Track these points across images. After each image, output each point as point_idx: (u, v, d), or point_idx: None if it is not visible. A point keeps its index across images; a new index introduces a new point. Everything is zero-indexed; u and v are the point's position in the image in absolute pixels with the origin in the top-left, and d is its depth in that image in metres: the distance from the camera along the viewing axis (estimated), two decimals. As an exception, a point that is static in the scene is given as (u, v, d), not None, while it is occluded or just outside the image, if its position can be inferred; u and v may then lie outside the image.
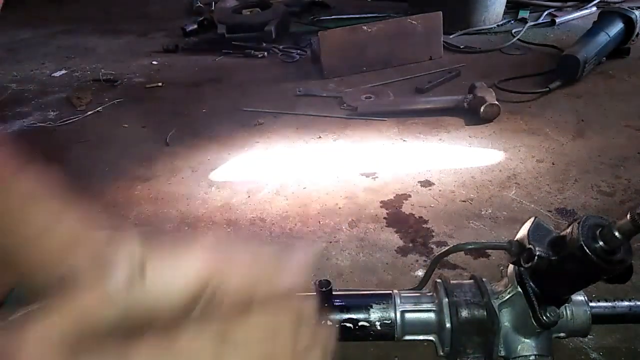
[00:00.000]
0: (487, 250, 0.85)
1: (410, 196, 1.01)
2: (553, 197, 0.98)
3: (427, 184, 1.05)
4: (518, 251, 0.53)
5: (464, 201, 0.99)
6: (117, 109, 1.52)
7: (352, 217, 0.96)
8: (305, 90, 1.55)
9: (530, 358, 0.54)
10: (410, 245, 0.88)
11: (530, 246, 0.50)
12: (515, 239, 0.54)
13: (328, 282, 0.58)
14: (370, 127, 1.32)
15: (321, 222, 0.95)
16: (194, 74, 1.77)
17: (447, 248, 0.59)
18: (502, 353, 0.56)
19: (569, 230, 0.49)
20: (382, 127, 1.31)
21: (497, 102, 1.27)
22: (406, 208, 0.98)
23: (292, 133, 1.31)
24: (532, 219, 0.53)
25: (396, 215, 0.96)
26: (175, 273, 0.30)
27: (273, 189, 1.07)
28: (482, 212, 0.95)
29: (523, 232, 0.53)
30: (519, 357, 0.55)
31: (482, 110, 1.26)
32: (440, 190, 1.03)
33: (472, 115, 1.30)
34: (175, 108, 1.49)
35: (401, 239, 0.90)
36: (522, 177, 1.05)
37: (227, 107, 1.48)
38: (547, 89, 1.39)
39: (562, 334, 0.58)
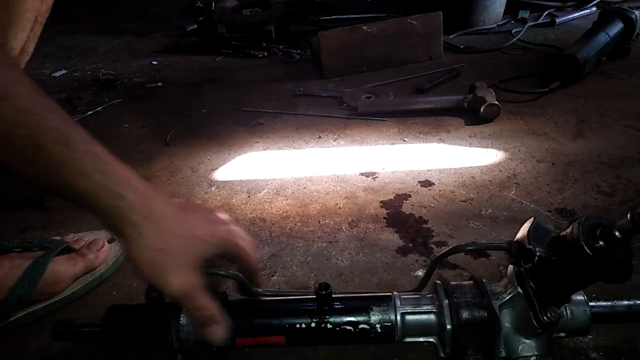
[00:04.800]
0: (487, 251, 0.85)
1: (410, 196, 1.01)
2: (553, 197, 0.98)
3: (427, 184, 1.05)
4: (518, 252, 0.53)
5: (464, 201, 0.99)
6: (117, 109, 1.52)
7: (352, 217, 0.96)
8: (305, 90, 1.55)
9: (532, 358, 0.55)
10: (410, 245, 0.88)
11: (531, 247, 0.50)
12: (515, 239, 0.54)
13: (327, 285, 0.58)
14: (370, 127, 1.32)
15: (321, 222, 0.95)
16: (194, 74, 1.77)
17: (446, 249, 0.59)
18: (503, 354, 0.56)
19: (569, 230, 0.49)
20: (382, 127, 1.31)
21: (497, 102, 1.27)
22: (406, 208, 0.98)
23: (292, 133, 1.31)
24: (531, 219, 0.53)
25: (396, 215, 0.96)
26: None
27: (273, 189, 1.07)
28: (482, 212, 0.95)
29: (523, 232, 0.53)
30: (520, 357, 0.56)
31: (482, 110, 1.26)
32: (440, 190, 1.03)
33: (472, 115, 1.30)
34: (175, 108, 1.50)
35: (401, 239, 0.90)
36: (522, 177, 1.05)
37: (227, 107, 1.48)
38: (547, 89, 1.39)
39: (562, 334, 0.58)
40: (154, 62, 1.89)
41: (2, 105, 0.41)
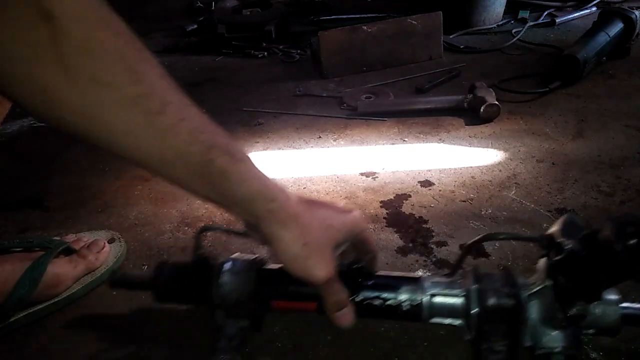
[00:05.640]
0: (487, 250, 0.85)
1: (410, 196, 1.01)
2: (553, 197, 0.98)
3: (427, 184, 1.05)
4: (549, 244, 0.54)
5: (464, 201, 0.99)
6: (117, 109, 1.52)
7: (352, 217, 0.96)
8: (305, 90, 1.56)
9: (556, 350, 0.56)
10: (410, 245, 0.88)
11: (561, 240, 0.52)
12: (548, 233, 0.55)
13: (359, 261, 0.61)
14: (370, 127, 1.32)
15: (321, 222, 0.95)
16: (194, 74, 1.77)
17: (478, 237, 0.60)
18: (529, 343, 0.58)
19: (601, 226, 0.50)
20: (382, 127, 1.31)
21: (497, 102, 1.27)
22: (406, 208, 0.98)
23: (291, 133, 1.31)
24: (565, 216, 0.55)
25: (396, 215, 0.96)
26: None
27: (273, 189, 1.07)
28: (482, 212, 0.95)
29: (556, 227, 0.54)
30: (544, 348, 0.57)
31: (482, 110, 1.26)
32: (440, 190, 1.03)
33: (472, 115, 1.30)
34: (175, 108, 1.49)
35: (401, 239, 0.90)
36: (522, 177, 1.05)
37: (227, 107, 1.48)
38: (547, 89, 1.39)
39: (591, 331, 0.59)
40: (154, 62, 1.89)
41: (181, 127, 0.46)
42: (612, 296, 0.58)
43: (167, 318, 0.75)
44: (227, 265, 0.64)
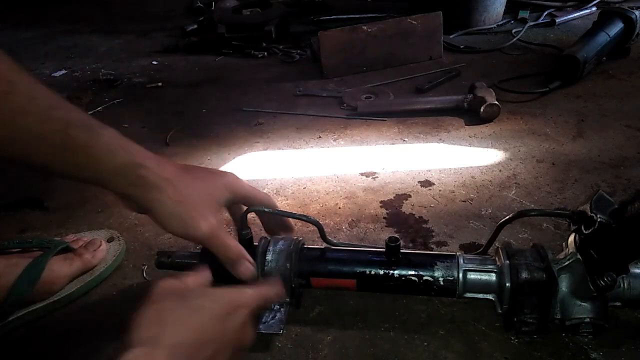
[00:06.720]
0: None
1: (410, 196, 1.01)
2: (553, 197, 0.98)
3: (427, 184, 1.05)
4: (580, 219, 0.56)
5: (464, 201, 0.99)
6: (117, 109, 1.52)
7: (352, 217, 0.96)
8: (305, 90, 1.56)
9: (586, 320, 0.59)
10: (411, 245, 0.88)
11: (592, 214, 0.54)
12: (579, 209, 0.58)
13: (397, 239, 0.64)
14: (370, 127, 1.32)
15: (321, 222, 0.95)
16: (194, 74, 1.77)
17: (511, 214, 0.65)
18: (558, 316, 0.61)
19: (630, 199, 0.52)
20: (382, 127, 1.31)
21: (497, 102, 1.27)
22: (406, 208, 0.98)
23: (292, 133, 1.31)
24: (595, 192, 0.58)
25: (396, 215, 0.96)
26: None
27: (273, 189, 1.07)
28: (482, 212, 0.95)
29: (586, 203, 0.57)
30: (574, 319, 0.60)
31: (482, 110, 1.26)
32: (440, 190, 1.03)
33: (472, 115, 1.30)
34: (175, 108, 1.50)
35: (401, 238, 0.89)
36: (522, 177, 1.05)
37: (227, 107, 1.48)
38: (547, 89, 1.39)
39: (617, 303, 0.62)
40: (154, 62, 1.89)
41: (32, 105, 0.45)
42: (638, 270, 0.61)
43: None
44: (270, 245, 0.69)
